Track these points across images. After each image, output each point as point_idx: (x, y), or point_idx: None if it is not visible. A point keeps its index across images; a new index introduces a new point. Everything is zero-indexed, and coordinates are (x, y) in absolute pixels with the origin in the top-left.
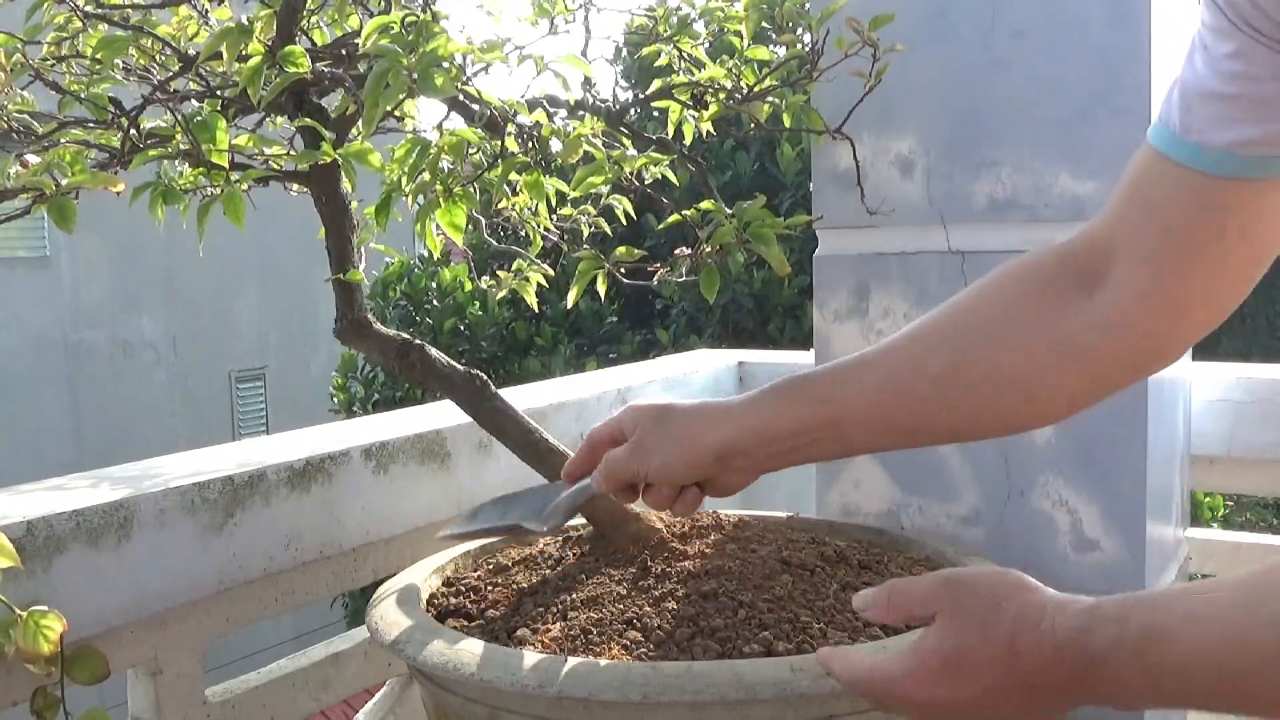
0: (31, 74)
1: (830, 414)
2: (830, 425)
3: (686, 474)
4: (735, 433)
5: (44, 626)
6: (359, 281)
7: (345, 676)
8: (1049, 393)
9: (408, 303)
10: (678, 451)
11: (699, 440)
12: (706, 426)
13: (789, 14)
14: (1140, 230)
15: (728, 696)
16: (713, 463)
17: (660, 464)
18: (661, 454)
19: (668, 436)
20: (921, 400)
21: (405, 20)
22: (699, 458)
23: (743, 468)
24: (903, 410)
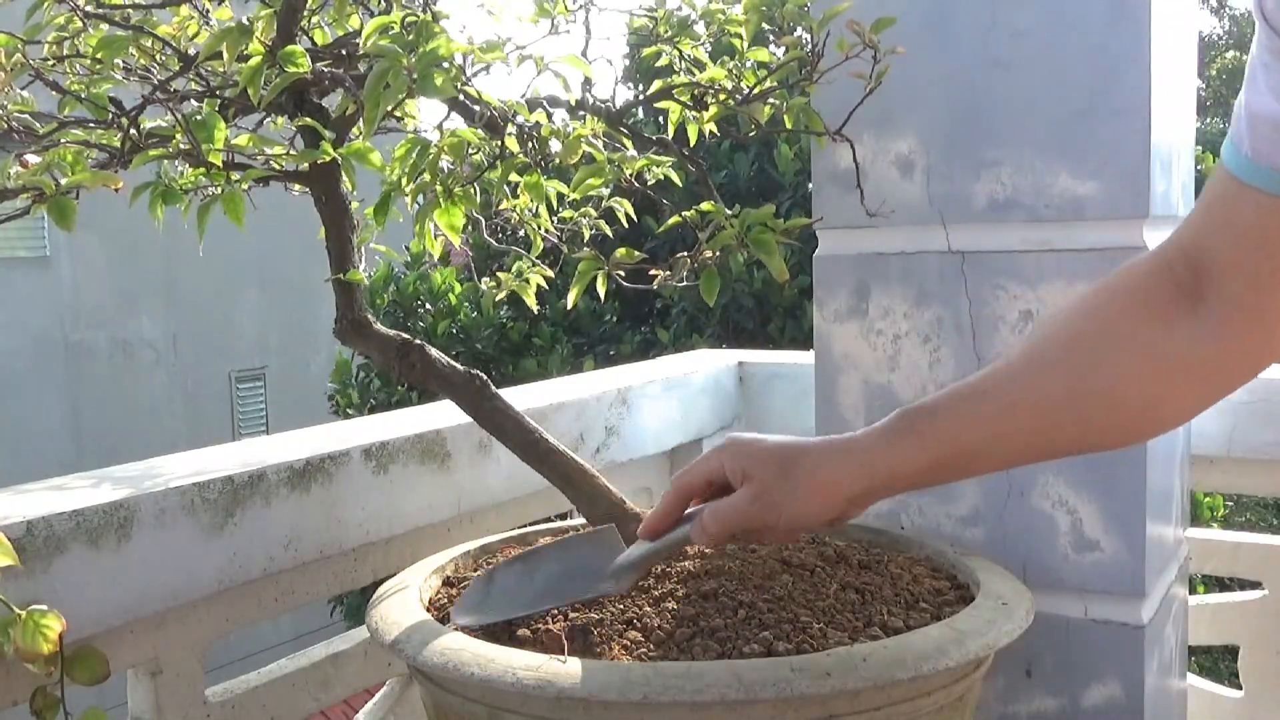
0: (31, 74)
1: (955, 450)
2: (954, 460)
3: (816, 523)
4: (867, 478)
5: (43, 626)
6: (359, 281)
7: (345, 676)
8: (1161, 407)
9: (397, 309)
10: (812, 502)
11: (833, 489)
12: (838, 473)
13: (790, 16)
14: (1230, 249)
15: (728, 696)
16: (841, 508)
17: (791, 515)
18: (793, 505)
19: (797, 487)
20: (1041, 426)
21: (405, 20)
22: (833, 505)
23: (863, 504)
24: (1023, 436)
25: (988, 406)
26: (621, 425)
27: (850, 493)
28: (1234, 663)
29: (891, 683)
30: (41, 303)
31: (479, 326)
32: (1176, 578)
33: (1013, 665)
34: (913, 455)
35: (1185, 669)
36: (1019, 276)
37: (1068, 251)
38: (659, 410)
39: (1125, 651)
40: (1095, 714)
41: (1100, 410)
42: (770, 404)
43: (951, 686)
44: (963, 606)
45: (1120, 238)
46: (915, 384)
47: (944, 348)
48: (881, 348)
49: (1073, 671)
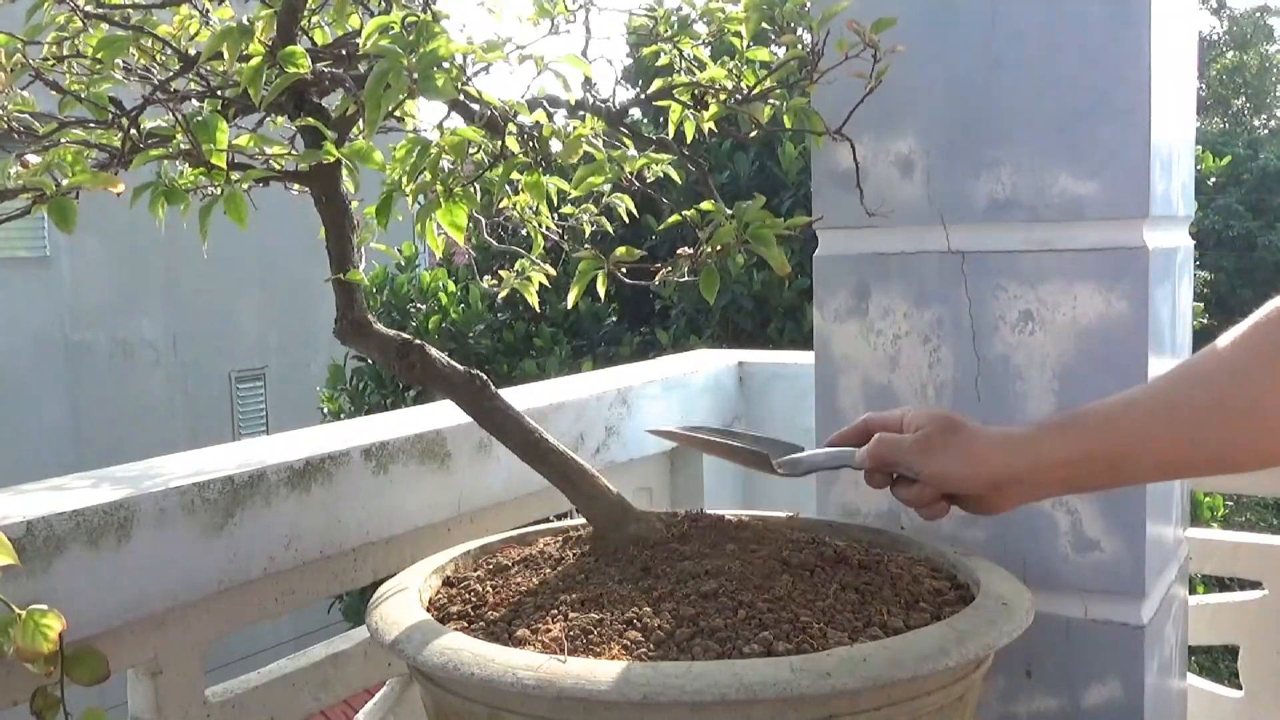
0: (32, 74)
1: (1103, 444)
2: (1103, 456)
3: (959, 487)
4: (1017, 464)
5: (43, 626)
6: (359, 281)
7: (345, 676)
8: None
9: (392, 310)
10: (961, 465)
11: (985, 464)
12: (991, 447)
13: (789, 15)
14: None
15: (728, 696)
16: (988, 485)
17: (940, 468)
18: (945, 460)
19: (956, 447)
20: (1187, 435)
21: (405, 20)
22: (978, 478)
23: (1012, 495)
24: (1168, 443)
25: (1142, 408)
26: (622, 425)
27: (998, 472)
28: (1234, 663)
29: (891, 683)
30: (41, 303)
31: (470, 322)
32: (1176, 578)
33: (1013, 665)
34: (1061, 445)
35: (1185, 669)
36: (1019, 276)
37: (1068, 251)
38: (659, 410)
39: (1125, 651)
40: (1095, 714)
41: (1242, 426)
42: (770, 404)
43: (951, 686)
44: (963, 606)
45: (1120, 238)
46: (915, 384)
47: (944, 348)
48: (881, 348)
49: (1073, 671)
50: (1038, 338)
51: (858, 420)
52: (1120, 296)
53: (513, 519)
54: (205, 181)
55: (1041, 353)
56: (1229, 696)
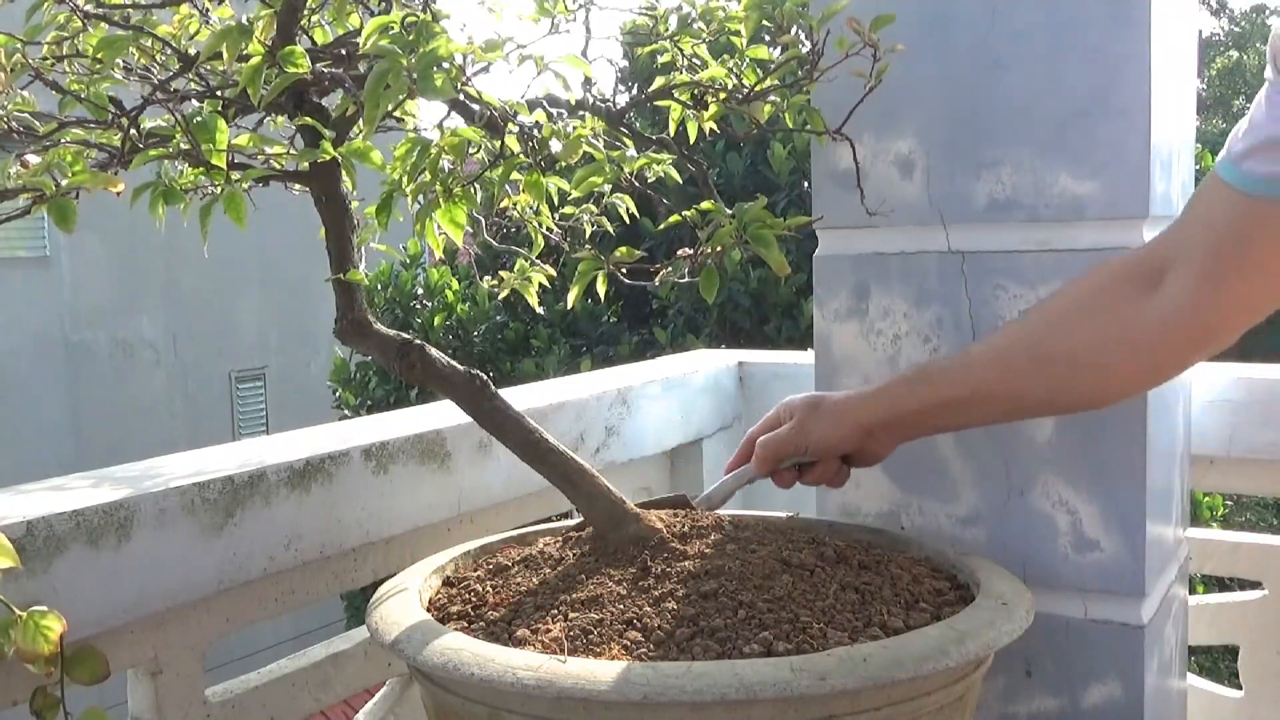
0: (31, 74)
1: (949, 391)
2: (950, 401)
3: (840, 445)
4: (880, 410)
5: (44, 627)
6: (359, 281)
7: (345, 676)
8: (1114, 374)
9: (396, 307)
10: (833, 429)
11: (849, 417)
12: (855, 407)
13: (789, 14)
14: (1194, 241)
15: (728, 696)
16: (861, 436)
17: (819, 439)
18: (819, 431)
19: (824, 415)
20: (1017, 374)
21: (405, 20)
22: (850, 432)
23: (883, 440)
24: (1003, 383)
25: (980, 354)
26: (621, 425)
27: (864, 421)
28: (1234, 663)
29: (891, 683)
30: (41, 303)
31: (475, 321)
32: (1176, 578)
33: (1013, 665)
34: (914, 395)
35: (1185, 669)
36: (1019, 276)
37: (1067, 251)
38: (659, 410)
39: (1125, 651)
40: (1095, 714)
41: (1061, 372)
42: (770, 404)
43: (951, 686)
44: (963, 606)
45: (1120, 238)
46: None
47: (944, 348)
48: (881, 348)
49: (1073, 671)
50: None
51: (743, 441)
52: None
53: (513, 519)
54: (205, 181)
55: None
56: (1229, 696)
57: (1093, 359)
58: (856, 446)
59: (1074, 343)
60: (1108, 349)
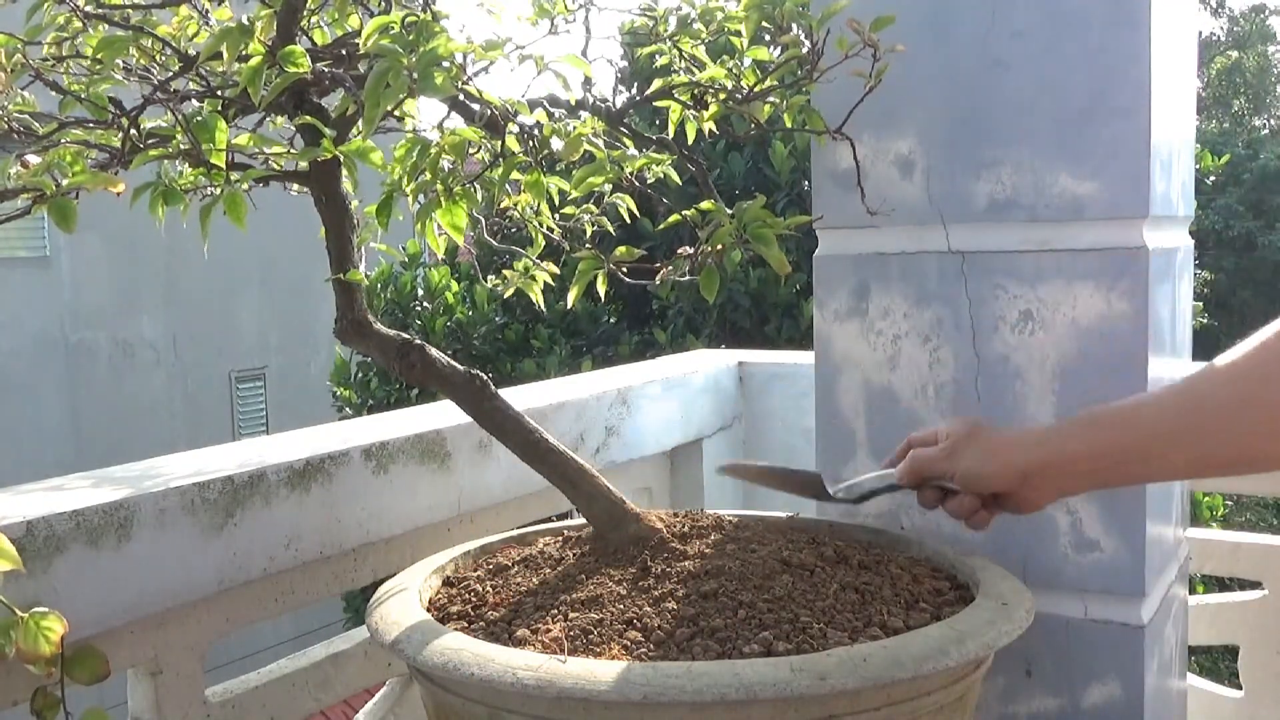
0: (31, 74)
1: (1128, 437)
2: (1129, 449)
3: (989, 484)
4: (1041, 454)
5: (45, 628)
6: (359, 281)
7: (345, 676)
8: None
9: (395, 308)
10: (985, 462)
11: (1008, 457)
12: (1015, 447)
13: (789, 14)
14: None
15: (728, 696)
16: (1015, 479)
17: (966, 469)
18: (969, 460)
19: (979, 447)
20: (1213, 427)
21: (405, 20)
22: (1004, 471)
23: (1041, 487)
24: (1194, 435)
25: (1169, 404)
26: (622, 425)
27: (1022, 463)
28: (1234, 663)
29: (891, 683)
30: (41, 303)
31: (475, 323)
32: (1176, 578)
33: (1013, 665)
34: (1086, 438)
35: (1185, 669)
36: (1019, 276)
37: (1067, 251)
38: (659, 410)
39: (1125, 651)
40: (1095, 714)
41: (1264, 425)
42: (770, 404)
43: (951, 686)
44: (963, 606)
45: (1120, 238)
46: (915, 384)
47: (944, 348)
48: (881, 348)
49: (1073, 671)
50: (1038, 338)
51: (902, 443)
52: (1120, 296)
53: (513, 519)
54: (205, 181)
55: (1041, 353)
56: (1229, 696)
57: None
58: (1007, 489)
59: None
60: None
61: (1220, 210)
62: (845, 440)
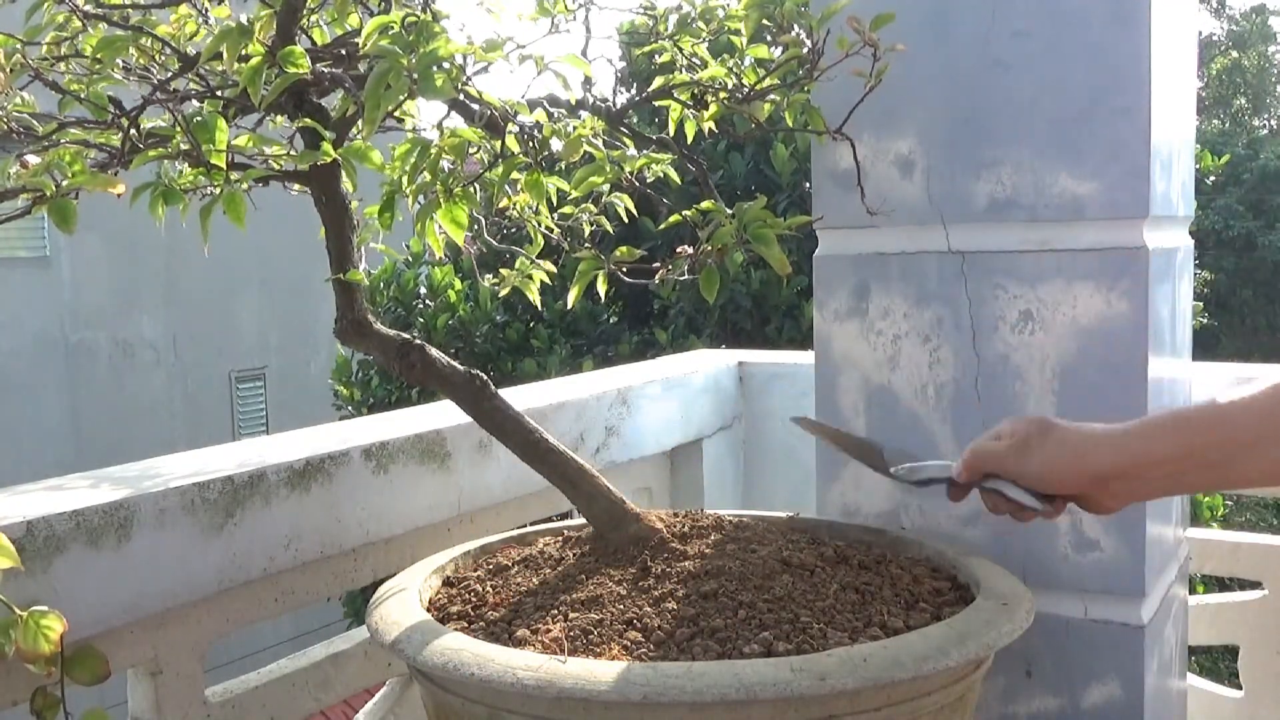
0: (31, 74)
1: (1210, 440)
2: (1210, 450)
3: (1061, 486)
4: (1119, 457)
5: (44, 627)
6: (359, 281)
7: (345, 676)
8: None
9: (398, 305)
10: (1060, 463)
11: (1084, 458)
12: (1093, 447)
13: (789, 14)
14: None
15: (728, 696)
16: (1090, 483)
17: (1038, 467)
18: (1043, 460)
19: (1054, 445)
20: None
21: (405, 20)
22: (1079, 474)
23: (1118, 492)
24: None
25: (1254, 409)
26: (622, 425)
27: (1099, 466)
28: (1234, 663)
29: (891, 683)
30: (41, 303)
31: (477, 322)
32: (1176, 578)
33: (1013, 665)
34: (1167, 440)
35: (1185, 669)
36: (1019, 276)
37: (1067, 251)
38: (659, 410)
39: (1125, 651)
40: (1095, 714)
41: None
42: (770, 404)
43: (951, 686)
44: (963, 606)
45: (1120, 238)
46: (915, 384)
47: (944, 348)
48: (881, 348)
49: (1073, 671)
50: (1038, 338)
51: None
52: (1120, 296)
53: (513, 519)
54: (205, 181)
55: (1041, 353)
56: (1229, 696)
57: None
58: (1079, 491)
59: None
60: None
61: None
62: None
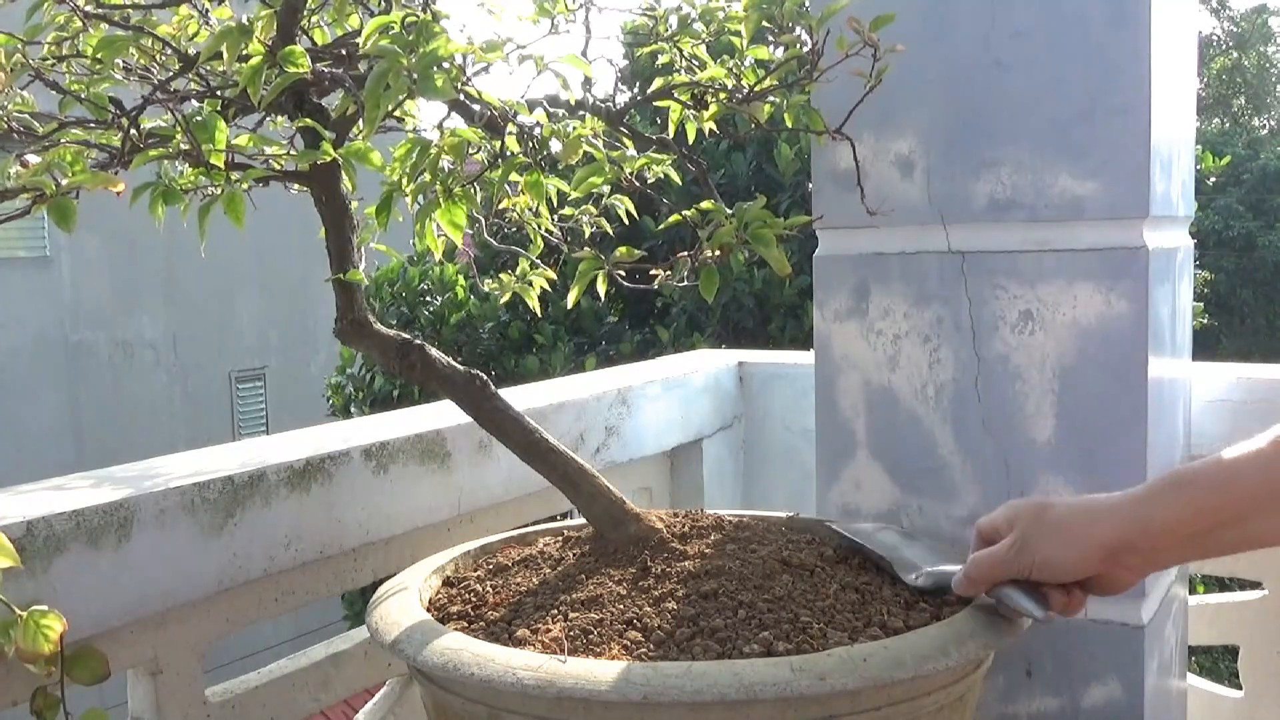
0: (31, 74)
1: (1225, 497)
2: (1227, 509)
3: (1073, 572)
4: (1126, 528)
5: (44, 627)
6: (359, 281)
7: (345, 676)
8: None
9: (402, 303)
10: (1062, 549)
11: (1087, 537)
12: (1092, 519)
13: (789, 14)
14: None
15: (728, 696)
16: (1102, 560)
17: (1044, 559)
18: (1046, 549)
19: (1052, 532)
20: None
21: (405, 20)
22: (1087, 554)
23: (1134, 565)
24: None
25: (1268, 455)
26: (622, 425)
27: (1106, 541)
28: (1234, 663)
29: (891, 682)
30: (41, 303)
31: (484, 319)
32: (1176, 578)
33: (1013, 665)
34: (1176, 503)
35: (1185, 669)
36: (1019, 276)
37: (1067, 251)
38: (659, 410)
39: (1125, 651)
40: (1095, 714)
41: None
42: (770, 404)
43: (951, 686)
44: (963, 606)
45: (1120, 238)
46: (915, 384)
47: (944, 348)
48: (881, 348)
49: (1073, 671)
50: (1038, 338)
51: (973, 533)
52: (1120, 296)
53: (513, 519)
54: (205, 181)
55: (1041, 353)
56: (1229, 696)
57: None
58: (1094, 571)
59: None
60: None
61: (1220, 210)
62: (845, 440)
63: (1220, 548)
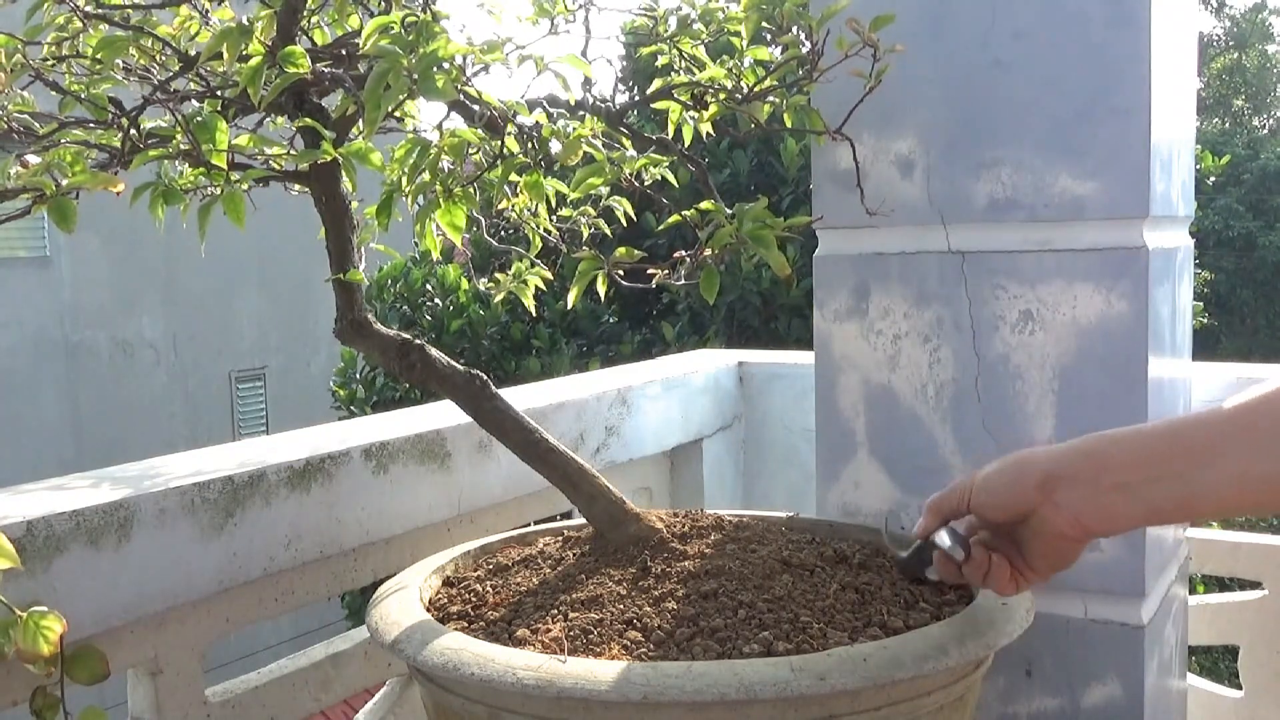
0: (31, 74)
1: (1173, 447)
2: (1173, 459)
3: (1006, 495)
4: (1065, 456)
5: (44, 627)
6: (359, 281)
7: (345, 676)
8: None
9: (404, 303)
10: (1001, 472)
11: (1026, 462)
12: (1035, 453)
13: (789, 14)
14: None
15: (728, 696)
16: (1037, 486)
17: (982, 481)
18: (986, 472)
19: (997, 463)
20: (1269, 444)
21: (405, 20)
22: (1021, 479)
23: (1064, 501)
24: (1248, 450)
25: (1218, 419)
26: (621, 425)
27: (1043, 465)
28: (1234, 663)
29: (891, 682)
30: (41, 303)
31: (486, 323)
32: (1176, 578)
33: (1013, 665)
34: (1122, 445)
35: (1185, 669)
36: (1019, 276)
37: (1067, 251)
38: (659, 410)
39: (1125, 651)
40: (1095, 714)
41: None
42: (770, 404)
43: (951, 686)
44: (963, 606)
45: (1120, 237)
46: (915, 384)
47: (944, 348)
48: (881, 348)
49: (1073, 671)
50: (1038, 337)
51: None
52: (1120, 296)
53: (513, 519)
54: (205, 181)
55: (1041, 352)
56: (1229, 696)
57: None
58: (1027, 505)
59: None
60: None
61: (1220, 210)
62: (845, 440)
63: (1166, 501)
